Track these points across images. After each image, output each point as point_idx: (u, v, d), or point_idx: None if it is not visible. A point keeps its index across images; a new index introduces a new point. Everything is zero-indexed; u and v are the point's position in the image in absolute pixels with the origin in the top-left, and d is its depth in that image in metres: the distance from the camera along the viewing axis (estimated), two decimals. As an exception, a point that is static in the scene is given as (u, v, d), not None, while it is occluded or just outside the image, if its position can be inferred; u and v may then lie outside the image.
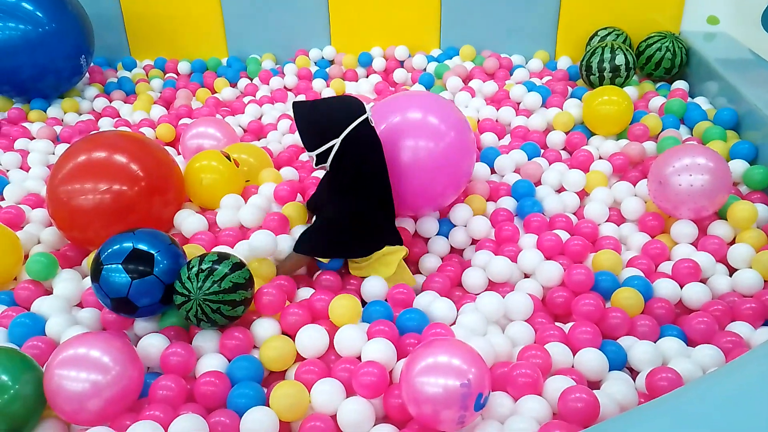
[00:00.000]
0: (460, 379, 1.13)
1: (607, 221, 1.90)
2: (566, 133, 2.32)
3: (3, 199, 2.14)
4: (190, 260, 1.42)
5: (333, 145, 1.50)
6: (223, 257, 1.42)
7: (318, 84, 2.95)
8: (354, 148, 1.51)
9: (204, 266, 1.39)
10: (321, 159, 1.54)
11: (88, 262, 1.76)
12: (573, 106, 2.41)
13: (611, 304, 1.57)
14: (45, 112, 2.77)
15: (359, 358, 1.39)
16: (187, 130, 2.29)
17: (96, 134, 1.97)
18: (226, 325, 1.43)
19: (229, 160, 1.99)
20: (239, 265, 1.42)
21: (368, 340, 1.40)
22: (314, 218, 1.76)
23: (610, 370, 1.39)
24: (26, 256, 1.80)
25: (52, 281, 1.70)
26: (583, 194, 2.03)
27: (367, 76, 3.06)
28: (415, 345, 1.43)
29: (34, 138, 2.58)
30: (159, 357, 1.40)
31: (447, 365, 1.15)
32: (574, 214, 1.95)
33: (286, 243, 1.70)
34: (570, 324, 1.51)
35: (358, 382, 1.28)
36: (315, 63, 3.14)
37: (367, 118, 1.53)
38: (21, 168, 2.36)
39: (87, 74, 3.03)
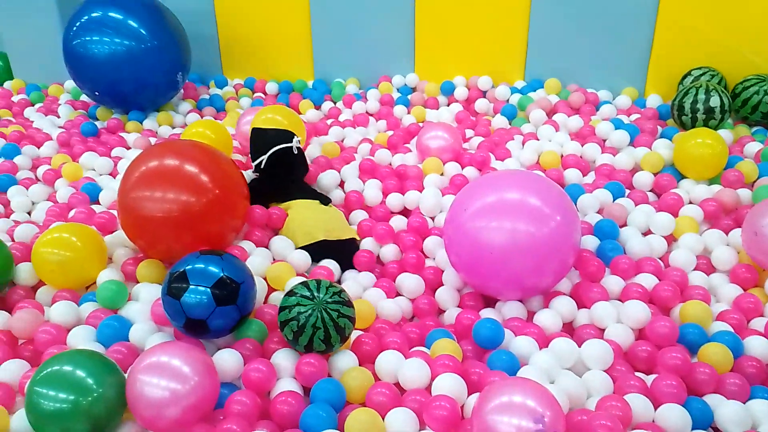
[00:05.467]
0: (535, 420, 1.10)
1: (695, 270, 1.82)
2: (655, 174, 2.24)
3: (99, 203, 2.26)
4: (296, 284, 1.48)
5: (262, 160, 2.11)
6: (330, 283, 1.50)
7: (399, 110, 2.98)
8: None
9: (319, 285, 1.46)
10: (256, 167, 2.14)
11: (141, 275, 1.80)
12: (663, 147, 2.33)
13: (698, 358, 1.50)
14: (141, 123, 2.93)
15: (428, 389, 1.39)
16: (242, 117, 2.54)
17: (164, 142, 2.02)
18: (330, 347, 1.45)
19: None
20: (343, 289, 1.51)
21: (431, 372, 1.40)
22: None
23: (693, 429, 1.32)
24: (110, 259, 1.90)
25: (136, 287, 1.77)
26: (670, 239, 1.95)
27: (449, 105, 3.07)
28: (482, 377, 1.41)
29: (130, 148, 2.72)
30: (231, 371, 1.43)
31: (521, 405, 1.13)
32: (660, 259, 1.87)
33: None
34: (653, 376, 1.44)
35: (430, 414, 1.27)
36: (397, 89, 3.17)
37: (290, 147, 2.10)
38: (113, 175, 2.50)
39: (182, 90, 3.18)
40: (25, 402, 1.26)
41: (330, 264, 1.90)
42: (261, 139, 2.14)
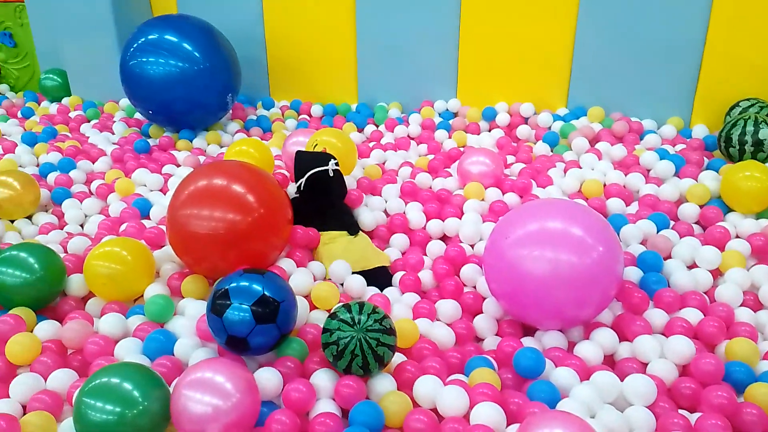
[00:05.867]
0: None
1: (741, 306, 1.77)
2: (701, 206, 2.20)
3: (149, 218, 2.34)
4: (339, 307, 1.50)
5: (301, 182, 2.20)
6: (374, 307, 1.51)
7: (440, 135, 3.00)
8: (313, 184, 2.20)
9: (361, 309, 1.47)
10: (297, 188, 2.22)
11: (186, 290, 1.85)
12: (709, 179, 2.29)
13: (744, 398, 1.46)
14: (191, 142, 3.02)
15: (466, 417, 1.38)
16: (289, 138, 2.59)
17: (213, 163, 2.07)
18: (368, 372, 1.46)
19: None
20: (387, 315, 1.51)
21: (470, 401, 1.40)
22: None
23: (739, 473, 1.29)
24: (157, 273, 1.96)
25: (182, 302, 1.82)
26: (716, 274, 1.91)
27: (490, 131, 3.08)
28: (521, 407, 1.40)
29: (180, 165, 2.80)
30: (271, 389, 1.46)
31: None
32: (706, 294, 1.84)
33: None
34: (697, 415, 1.41)
35: (467, 444, 1.27)
36: (439, 114, 3.20)
37: (326, 170, 2.18)
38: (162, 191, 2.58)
39: (231, 110, 3.26)
40: (73, 412, 1.30)
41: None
42: (300, 161, 2.24)
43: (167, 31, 2.88)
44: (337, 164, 2.22)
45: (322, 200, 2.20)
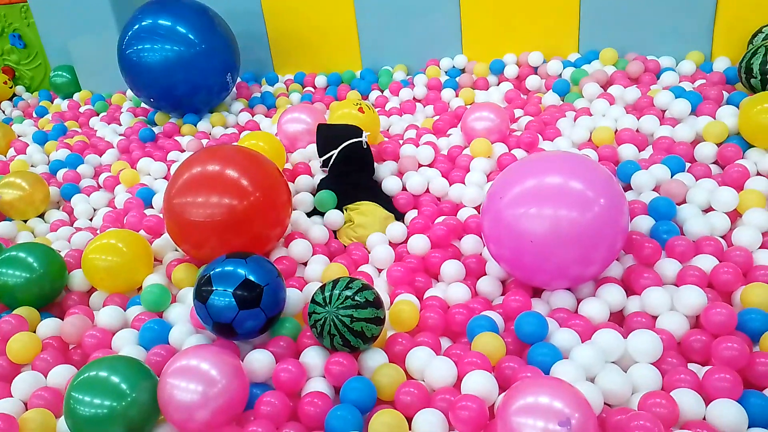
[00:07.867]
0: (561, 423, 1.03)
1: (761, 248, 1.65)
2: (718, 145, 2.05)
3: (152, 207, 2.34)
4: (317, 290, 1.46)
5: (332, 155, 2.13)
6: (351, 279, 1.45)
7: (447, 94, 2.90)
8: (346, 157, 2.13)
9: (335, 285, 1.42)
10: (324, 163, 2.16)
11: (178, 279, 1.84)
12: (728, 115, 2.12)
13: (760, 348, 1.36)
14: (195, 126, 3.00)
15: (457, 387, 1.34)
16: (283, 115, 2.54)
17: (208, 148, 2.02)
18: (354, 349, 1.43)
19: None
20: (367, 286, 1.44)
21: (461, 370, 1.36)
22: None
23: (755, 426, 1.20)
24: (160, 261, 1.96)
25: (183, 291, 1.81)
26: (734, 216, 1.78)
27: (498, 84, 2.96)
28: (515, 372, 1.35)
29: (184, 151, 2.79)
30: (264, 371, 1.44)
31: (548, 406, 1.06)
32: (723, 238, 1.72)
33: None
34: (706, 368, 1.32)
35: (456, 415, 1.22)
36: (446, 72, 3.09)
37: (359, 141, 2.11)
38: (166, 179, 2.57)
39: (235, 90, 3.22)
40: (64, 408, 1.31)
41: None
42: (329, 135, 2.14)
43: (160, 16, 2.84)
44: (367, 136, 2.14)
45: (359, 174, 2.12)
